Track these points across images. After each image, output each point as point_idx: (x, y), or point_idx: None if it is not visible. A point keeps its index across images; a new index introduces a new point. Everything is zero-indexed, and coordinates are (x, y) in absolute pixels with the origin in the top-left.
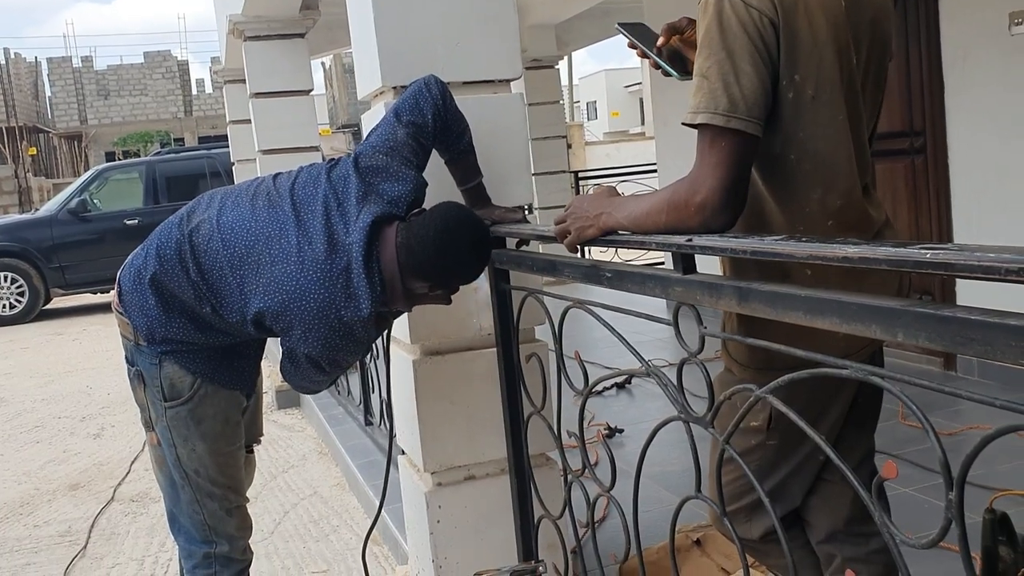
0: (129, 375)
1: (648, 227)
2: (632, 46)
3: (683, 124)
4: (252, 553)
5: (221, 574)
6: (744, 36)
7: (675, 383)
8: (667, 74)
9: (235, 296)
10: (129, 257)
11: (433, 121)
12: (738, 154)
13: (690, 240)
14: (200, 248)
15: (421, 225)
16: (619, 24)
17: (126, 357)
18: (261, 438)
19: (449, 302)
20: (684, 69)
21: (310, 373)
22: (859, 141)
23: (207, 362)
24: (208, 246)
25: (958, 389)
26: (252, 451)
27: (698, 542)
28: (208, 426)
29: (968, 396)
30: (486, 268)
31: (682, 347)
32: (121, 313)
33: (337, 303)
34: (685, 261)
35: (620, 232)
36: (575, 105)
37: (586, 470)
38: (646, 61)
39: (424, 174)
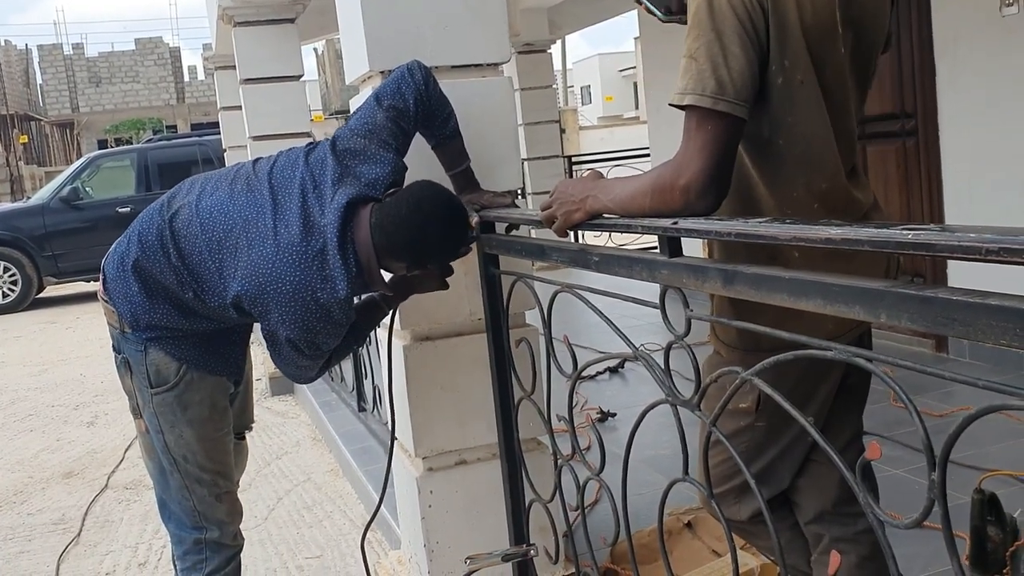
0: (116, 363)
1: (633, 210)
2: None
3: (670, 105)
4: (243, 539)
5: (211, 560)
6: (734, 18)
7: (662, 366)
8: (650, 12)
9: (215, 280)
10: (113, 245)
11: (415, 106)
12: (724, 137)
13: (676, 223)
14: (180, 233)
15: (394, 204)
16: None
17: (113, 345)
18: (253, 425)
19: (446, 286)
20: (669, 10)
21: (293, 358)
22: (844, 125)
23: (192, 348)
24: (188, 231)
25: (943, 370)
26: (243, 438)
27: (689, 524)
28: (195, 412)
29: (951, 376)
30: (471, 252)
31: (669, 330)
32: (106, 301)
33: (313, 285)
34: (671, 244)
35: (606, 216)
36: (569, 90)
37: (576, 454)
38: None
39: (414, 159)
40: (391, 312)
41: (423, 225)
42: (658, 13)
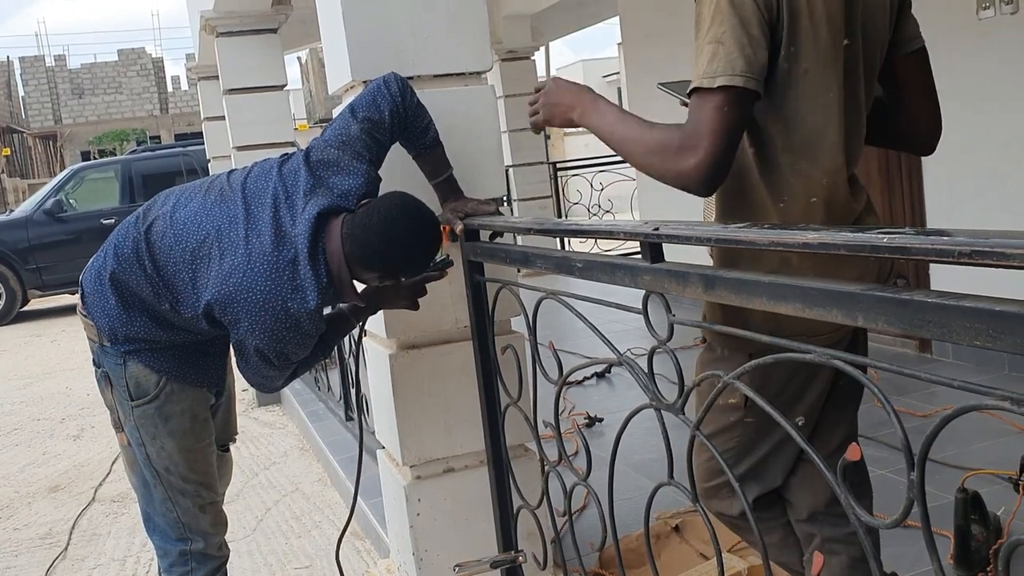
0: (96, 377)
1: (617, 149)
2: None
3: (694, 89)
4: (228, 550)
5: (197, 571)
6: (752, 5)
7: (646, 371)
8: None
9: (188, 291)
10: (91, 259)
11: (390, 118)
12: (738, 119)
13: (657, 229)
14: (155, 244)
15: (365, 214)
16: (660, 84)
17: (93, 359)
18: (236, 436)
19: (416, 307)
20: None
21: (260, 368)
22: (851, 122)
23: (171, 360)
24: (162, 242)
25: (919, 371)
26: (227, 450)
27: (677, 528)
28: (176, 423)
29: (927, 377)
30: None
31: (652, 335)
32: (85, 315)
33: (283, 294)
34: (653, 250)
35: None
36: None
37: (563, 460)
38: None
39: (399, 168)
40: (360, 325)
41: (394, 234)
42: (683, 98)
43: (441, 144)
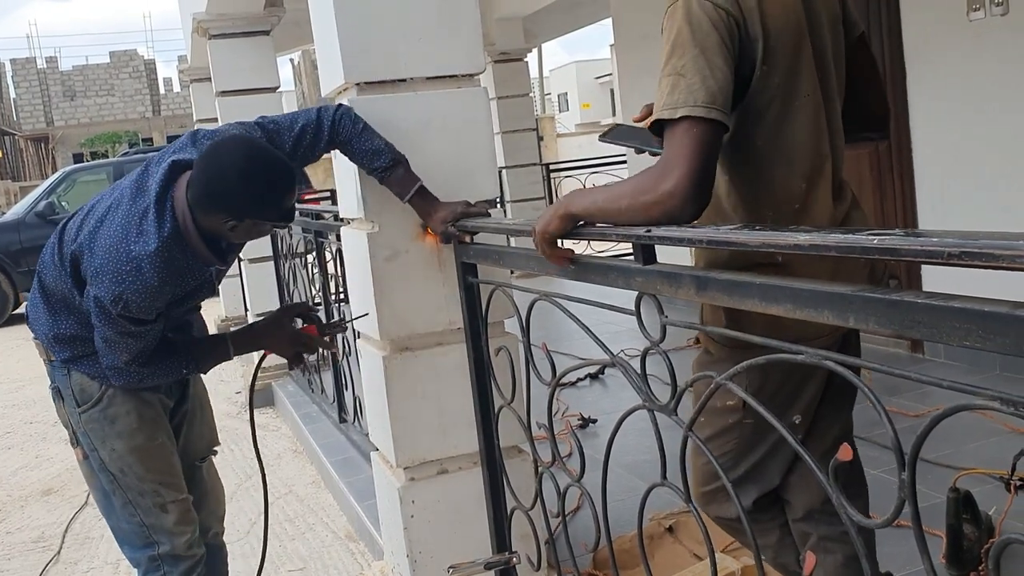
0: (52, 395)
1: (611, 214)
2: (637, 150)
3: (656, 120)
4: (202, 550)
5: (171, 574)
6: (714, 33)
7: (639, 372)
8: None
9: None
10: None
11: (301, 130)
12: (710, 143)
13: (649, 231)
14: (65, 236)
15: (200, 156)
16: (601, 138)
17: (49, 382)
18: (217, 448)
19: (297, 362)
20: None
21: (104, 326)
22: (826, 126)
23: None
24: (70, 226)
25: (909, 372)
26: (205, 460)
27: (671, 529)
28: (123, 424)
29: (916, 378)
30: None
31: (645, 336)
32: (35, 338)
33: (129, 238)
34: (645, 251)
35: (585, 223)
36: (546, 97)
37: (556, 461)
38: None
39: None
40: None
41: (221, 168)
42: (631, 146)
43: (402, 162)
